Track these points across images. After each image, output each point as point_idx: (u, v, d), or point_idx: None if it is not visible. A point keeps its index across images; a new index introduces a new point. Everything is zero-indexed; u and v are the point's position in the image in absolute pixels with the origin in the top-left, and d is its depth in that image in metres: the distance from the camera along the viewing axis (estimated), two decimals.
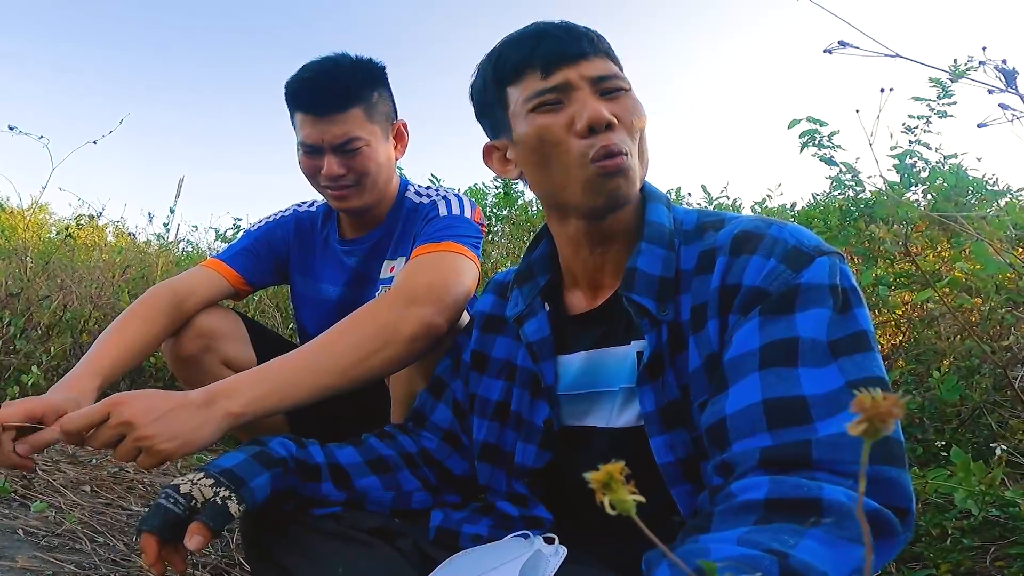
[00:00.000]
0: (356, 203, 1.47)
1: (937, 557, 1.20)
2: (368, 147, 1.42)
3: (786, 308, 0.75)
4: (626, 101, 0.90)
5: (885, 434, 0.26)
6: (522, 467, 0.99)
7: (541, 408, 0.98)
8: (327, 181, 1.43)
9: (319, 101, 1.39)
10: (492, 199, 4.45)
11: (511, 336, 1.06)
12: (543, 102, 0.89)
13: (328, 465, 0.99)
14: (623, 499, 0.27)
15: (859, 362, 0.71)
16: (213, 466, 0.89)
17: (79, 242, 3.64)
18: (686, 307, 0.86)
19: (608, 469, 0.28)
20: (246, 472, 0.89)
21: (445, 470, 1.10)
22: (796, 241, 0.80)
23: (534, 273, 1.03)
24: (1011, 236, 1.46)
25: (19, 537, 1.34)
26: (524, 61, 0.91)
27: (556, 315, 1.00)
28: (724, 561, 0.56)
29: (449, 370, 1.14)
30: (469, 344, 1.11)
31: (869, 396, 0.26)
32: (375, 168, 1.45)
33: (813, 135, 2.44)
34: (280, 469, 0.93)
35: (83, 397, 1.14)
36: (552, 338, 0.98)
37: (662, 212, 0.92)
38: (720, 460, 0.73)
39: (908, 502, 0.65)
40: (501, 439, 1.03)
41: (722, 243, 0.84)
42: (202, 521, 0.84)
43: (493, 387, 1.06)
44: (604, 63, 0.90)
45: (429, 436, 1.11)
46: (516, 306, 1.02)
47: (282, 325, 3.05)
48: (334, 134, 1.39)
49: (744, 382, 0.74)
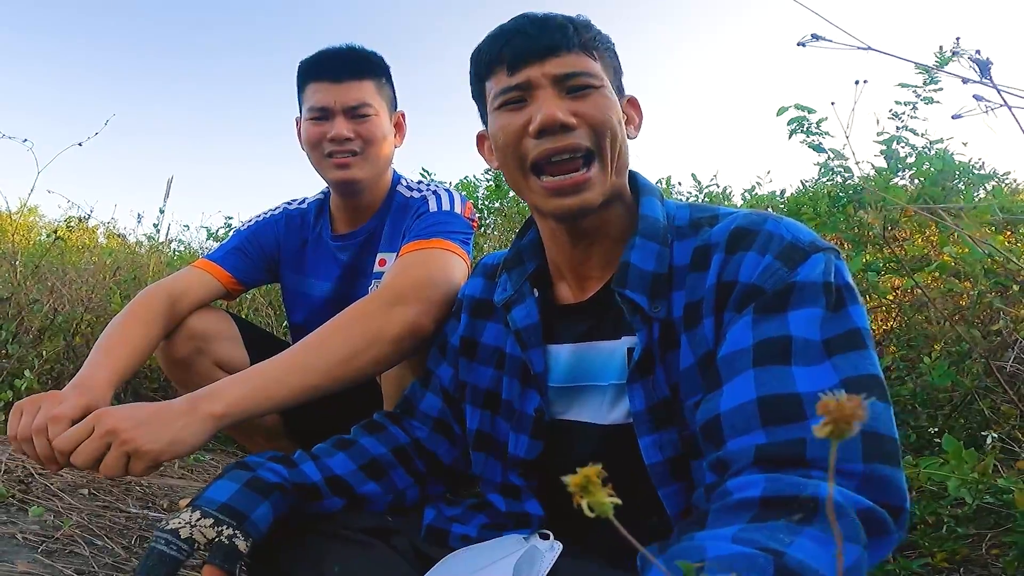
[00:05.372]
0: (357, 173, 1.49)
1: (932, 545, 1.21)
2: (377, 117, 1.48)
3: (779, 306, 0.75)
4: (595, 99, 0.87)
5: (850, 435, 0.27)
6: (515, 458, 0.99)
7: (531, 397, 0.97)
8: (333, 145, 1.46)
9: (337, 68, 1.47)
10: (483, 191, 4.44)
11: (500, 322, 1.04)
12: (506, 100, 0.90)
13: (326, 480, 0.98)
14: (601, 501, 0.28)
15: (853, 360, 0.71)
16: (206, 502, 0.85)
17: (70, 244, 3.62)
18: (679, 304, 0.85)
19: (586, 472, 0.29)
20: (245, 505, 0.86)
21: (436, 460, 1.10)
22: (792, 237, 0.80)
23: (523, 259, 1.02)
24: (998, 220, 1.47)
25: (17, 542, 1.34)
26: (494, 57, 0.90)
27: (544, 303, 1.00)
28: (719, 559, 0.56)
29: (435, 357, 1.14)
30: (458, 329, 1.10)
31: (833, 399, 0.27)
32: (380, 139, 1.49)
33: (801, 122, 2.44)
34: (278, 494, 0.90)
35: (103, 400, 1.14)
36: (541, 326, 0.97)
37: (656, 206, 0.92)
38: (715, 457, 0.73)
39: (902, 500, 0.66)
40: (495, 428, 1.03)
41: (717, 239, 0.84)
42: (215, 564, 0.82)
43: (483, 375, 1.05)
44: (576, 59, 0.88)
45: (419, 425, 1.11)
46: (504, 291, 1.01)
47: (276, 323, 3.05)
48: (349, 97, 1.46)
49: (738, 379, 0.74)
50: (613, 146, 0.89)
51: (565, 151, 0.86)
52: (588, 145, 0.87)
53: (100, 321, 2.68)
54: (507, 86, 0.89)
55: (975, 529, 1.23)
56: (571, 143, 0.85)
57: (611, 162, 0.89)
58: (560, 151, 0.86)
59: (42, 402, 1.03)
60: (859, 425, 0.25)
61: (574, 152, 0.86)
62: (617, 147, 0.89)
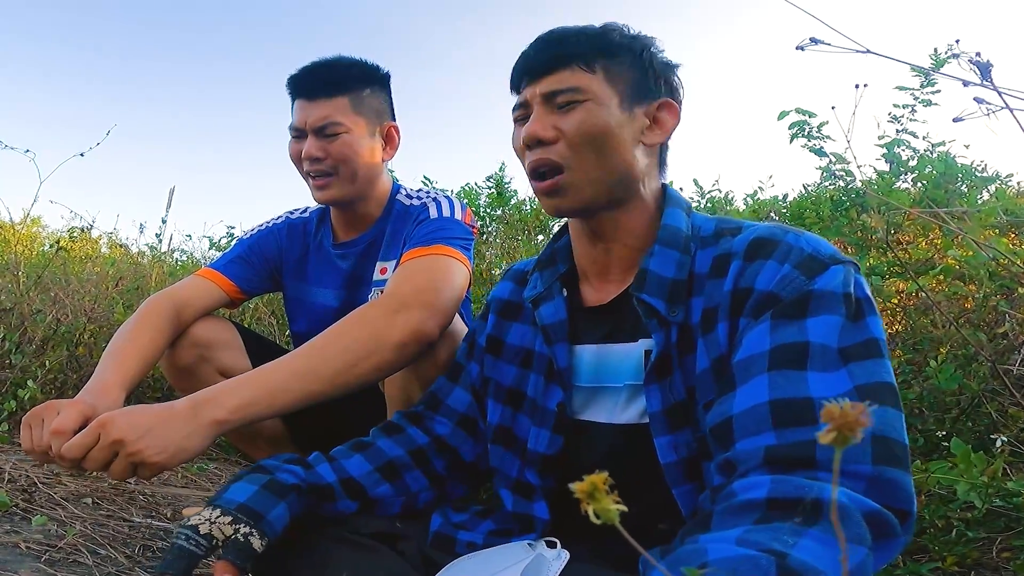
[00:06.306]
0: (335, 193, 1.49)
1: (943, 550, 1.20)
2: (348, 135, 1.45)
3: (798, 313, 0.76)
4: (575, 114, 0.93)
5: (854, 442, 0.27)
6: (535, 453, 1.00)
7: (554, 392, 0.99)
8: (307, 165, 1.46)
9: (310, 86, 1.46)
10: (485, 199, 4.45)
11: (527, 323, 1.07)
12: (517, 116, 0.99)
13: (340, 481, 0.99)
14: (607, 508, 0.27)
15: (869, 368, 0.72)
16: (225, 501, 0.89)
17: (73, 254, 3.63)
18: (697, 309, 0.87)
19: (592, 479, 0.28)
20: (263, 505, 0.89)
21: (457, 457, 1.10)
22: (812, 249, 0.81)
23: (556, 260, 1.06)
24: (1003, 223, 1.47)
25: (21, 551, 1.34)
26: (511, 77, 1.00)
27: (571, 304, 1.02)
28: (721, 561, 0.56)
29: (466, 354, 1.16)
30: (485, 328, 1.13)
31: (837, 406, 0.27)
32: (353, 157, 1.47)
33: (802, 126, 2.44)
34: (294, 495, 0.93)
35: (115, 406, 1.15)
36: (568, 324, 1.00)
37: (680, 217, 0.95)
38: (723, 459, 0.73)
39: (909, 504, 0.66)
40: (515, 424, 1.04)
41: (738, 248, 0.86)
42: (228, 560, 0.84)
43: (507, 372, 1.07)
44: (567, 75, 0.93)
45: (443, 420, 1.12)
46: (535, 288, 1.04)
47: (278, 331, 3.05)
48: (316, 116, 1.44)
49: (752, 383, 0.74)
50: (593, 155, 0.93)
51: (540, 164, 0.94)
52: (555, 159, 0.93)
53: (103, 331, 2.68)
54: (515, 104, 0.99)
55: (985, 533, 1.22)
56: (543, 158, 0.94)
57: (587, 171, 0.93)
58: (537, 164, 0.95)
59: (44, 414, 1.05)
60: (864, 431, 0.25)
61: (545, 165, 0.94)
62: (599, 156, 0.93)
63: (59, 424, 1.01)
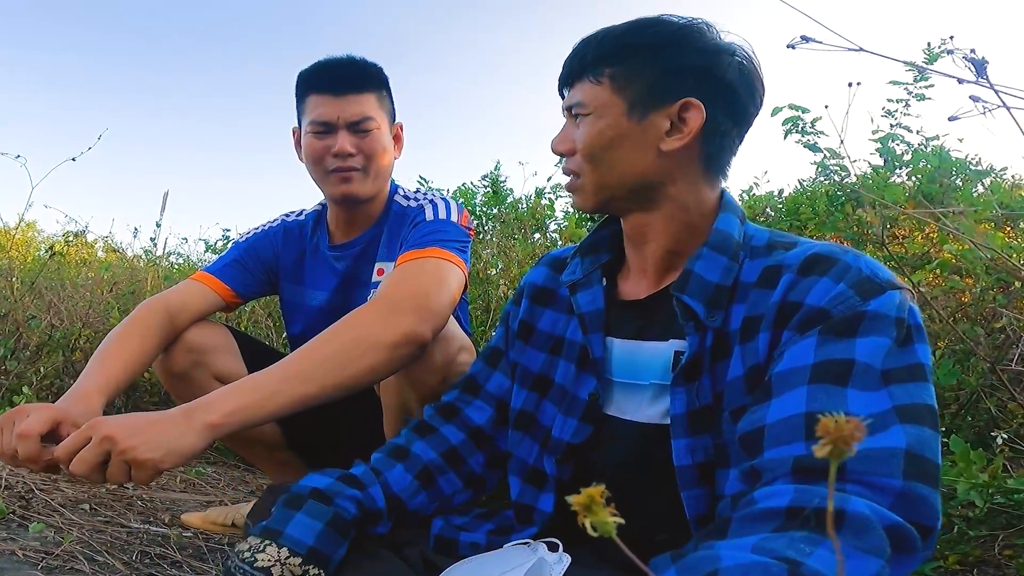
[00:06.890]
0: (359, 189, 1.48)
1: (944, 548, 1.20)
2: (379, 131, 1.47)
3: (848, 332, 0.75)
4: (581, 128, 0.97)
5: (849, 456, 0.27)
6: (558, 441, 0.99)
7: (587, 382, 0.98)
8: (336, 161, 1.45)
9: (338, 81, 1.45)
10: (481, 198, 4.44)
11: (560, 310, 1.07)
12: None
13: (387, 500, 0.99)
14: (604, 521, 0.27)
15: (911, 390, 0.71)
16: (292, 542, 0.88)
17: (67, 259, 3.62)
18: (737, 317, 0.86)
19: (590, 492, 0.28)
20: (331, 547, 0.89)
21: (494, 447, 1.10)
22: (870, 271, 0.80)
23: (599, 249, 1.05)
24: (998, 216, 1.47)
25: (18, 558, 1.34)
26: None
27: (606, 296, 1.01)
28: (733, 568, 0.56)
29: (503, 338, 1.15)
30: (518, 314, 1.12)
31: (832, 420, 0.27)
32: (382, 153, 1.48)
33: (796, 122, 2.44)
34: (353, 531, 0.93)
35: (93, 413, 1.14)
36: (604, 313, 0.99)
37: (733, 223, 0.93)
38: (749, 466, 0.73)
39: (934, 520, 0.66)
40: (539, 410, 1.04)
41: (791, 262, 0.84)
42: None
43: (535, 358, 1.06)
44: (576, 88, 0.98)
45: (481, 406, 1.11)
46: (574, 273, 1.03)
47: (275, 334, 3.04)
48: (352, 111, 1.44)
49: (790, 394, 0.74)
50: (597, 166, 0.94)
51: (565, 171, 1.00)
52: (572, 168, 0.97)
53: (98, 336, 2.67)
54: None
55: (987, 531, 1.22)
56: (565, 166, 0.99)
57: (594, 180, 0.95)
58: (564, 169, 1.00)
59: (15, 417, 1.04)
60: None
61: (567, 172, 0.99)
62: (604, 166, 0.94)
63: (26, 427, 1.00)
